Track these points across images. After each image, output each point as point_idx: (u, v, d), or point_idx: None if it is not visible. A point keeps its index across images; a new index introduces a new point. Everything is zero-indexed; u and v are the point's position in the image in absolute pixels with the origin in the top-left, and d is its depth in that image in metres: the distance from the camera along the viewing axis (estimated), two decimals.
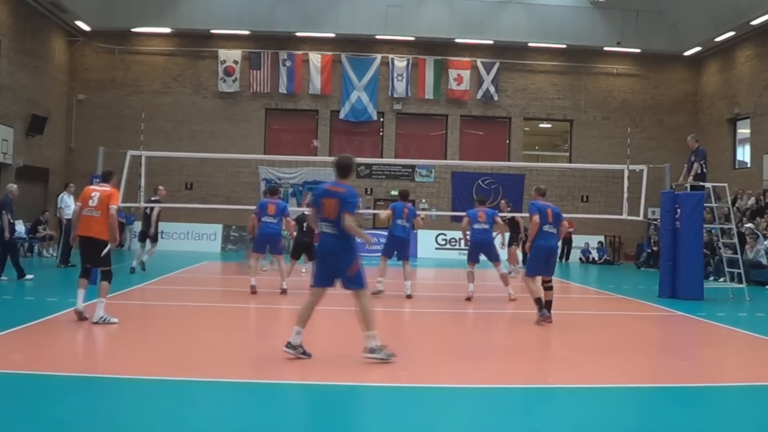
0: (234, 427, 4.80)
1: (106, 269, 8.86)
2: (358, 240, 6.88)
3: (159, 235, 15.51)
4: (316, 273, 6.99)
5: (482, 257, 12.35)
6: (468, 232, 12.05)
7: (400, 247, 12.46)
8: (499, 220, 12.69)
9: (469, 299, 11.89)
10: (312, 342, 8.18)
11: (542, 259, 9.49)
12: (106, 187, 8.94)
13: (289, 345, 6.72)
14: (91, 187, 9.12)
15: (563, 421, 5.15)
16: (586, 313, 11.05)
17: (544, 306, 9.35)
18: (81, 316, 8.52)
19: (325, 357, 7.15)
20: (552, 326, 9.16)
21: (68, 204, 16.34)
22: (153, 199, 15.54)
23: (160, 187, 16.03)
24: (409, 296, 11.98)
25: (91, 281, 12.28)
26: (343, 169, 6.89)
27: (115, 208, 8.67)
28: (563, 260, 25.02)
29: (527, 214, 9.98)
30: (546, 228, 9.49)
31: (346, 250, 6.72)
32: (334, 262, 6.75)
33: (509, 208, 17.21)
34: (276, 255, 12.95)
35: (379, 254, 12.97)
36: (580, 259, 25.16)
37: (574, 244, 25.38)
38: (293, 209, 14.59)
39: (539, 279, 9.56)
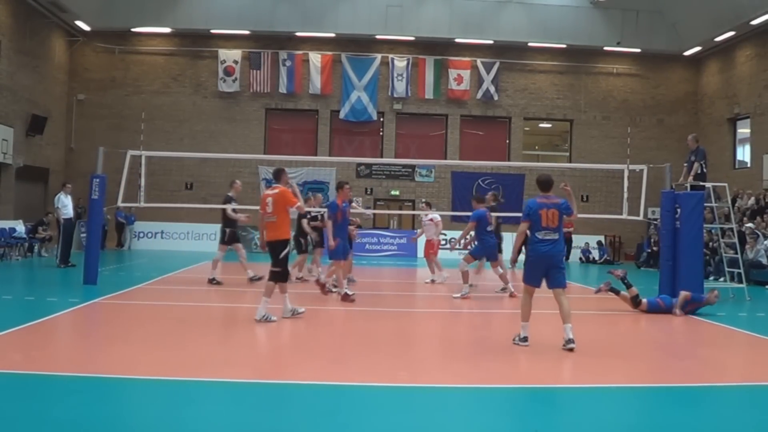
0: (234, 427, 4.80)
1: (277, 270, 9.04)
2: None
3: (225, 235, 13.74)
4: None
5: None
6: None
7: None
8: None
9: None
10: (312, 341, 8.18)
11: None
12: (277, 189, 9.20)
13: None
14: (266, 192, 9.42)
15: (563, 421, 5.15)
16: (586, 312, 11.03)
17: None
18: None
19: (325, 356, 7.15)
20: (552, 326, 9.15)
21: (65, 204, 16.26)
22: (229, 195, 13.90)
23: (237, 182, 14.20)
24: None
25: (89, 281, 12.36)
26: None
27: (293, 208, 9.21)
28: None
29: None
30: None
31: None
32: None
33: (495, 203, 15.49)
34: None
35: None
36: (580, 258, 25.16)
37: (574, 244, 25.36)
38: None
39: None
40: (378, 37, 26.01)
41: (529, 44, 26.28)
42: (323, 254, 14.09)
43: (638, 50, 26.51)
